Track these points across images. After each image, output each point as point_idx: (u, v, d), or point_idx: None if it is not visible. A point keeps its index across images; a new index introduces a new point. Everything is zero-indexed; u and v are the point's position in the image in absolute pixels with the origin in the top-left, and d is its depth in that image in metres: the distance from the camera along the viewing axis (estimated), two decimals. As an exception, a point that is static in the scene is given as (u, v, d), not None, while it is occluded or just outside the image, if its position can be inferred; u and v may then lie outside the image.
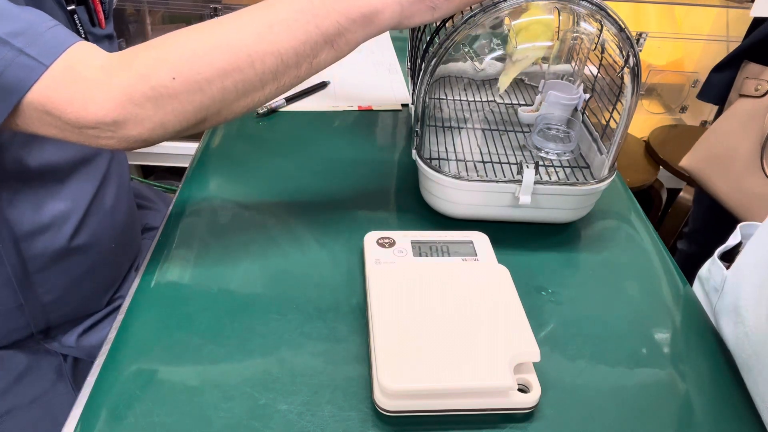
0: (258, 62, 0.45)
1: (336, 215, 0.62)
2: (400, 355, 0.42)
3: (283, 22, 0.45)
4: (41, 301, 0.61)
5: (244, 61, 0.44)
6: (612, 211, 0.67)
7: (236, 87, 0.45)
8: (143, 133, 0.45)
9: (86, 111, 0.43)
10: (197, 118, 0.46)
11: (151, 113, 0.44)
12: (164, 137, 0.46)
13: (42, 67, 0.42)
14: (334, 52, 0.47)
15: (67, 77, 0.43)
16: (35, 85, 0.42)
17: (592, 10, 0.54)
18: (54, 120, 0.43)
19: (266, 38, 0.45)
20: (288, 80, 0.47)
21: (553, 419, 0.43)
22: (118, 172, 0.68)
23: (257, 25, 0.45)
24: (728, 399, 0.46)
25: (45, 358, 0.64)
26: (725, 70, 0.97)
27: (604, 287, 0.56)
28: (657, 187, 1.70)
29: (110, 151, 0.66)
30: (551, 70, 0.72)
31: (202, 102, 0.45)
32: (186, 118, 0.45)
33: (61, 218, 0.60)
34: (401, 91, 0.90)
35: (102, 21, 0.61)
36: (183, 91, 0.44)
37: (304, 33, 0.45)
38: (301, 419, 0.42)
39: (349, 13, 0.46)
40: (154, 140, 0.46)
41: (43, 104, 0.43)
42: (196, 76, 0.44)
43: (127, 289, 0.72)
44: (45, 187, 0.58)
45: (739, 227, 0.56)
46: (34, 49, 0.42)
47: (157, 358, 0.46)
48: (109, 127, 0.44)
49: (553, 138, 0.67)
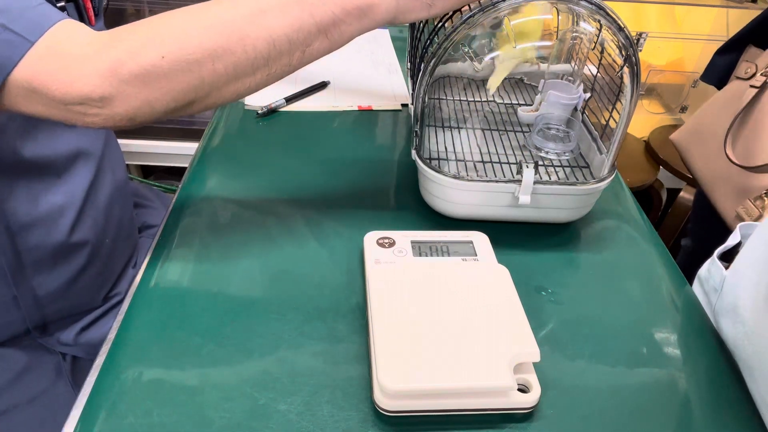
0: (250, 46, 0.44)
1: (336, 215, 0.62)
2: (400, 355, 0.42)
3: (277, 7, 0.44)
4: (36, 294, 0.61)
5: (236, 43, 0.44)
6: (612, 211, 0.67)
7: (227, 70, 0.44)
8: (129, 110, 0.44)
9: (72, 87, 0.42)
10: (186, 99, 0.45)
11: (138, 91, 0.43)
12: (151, 117, 0.46)
13: (27, 43, 0.42)
14: (328, 42, 0.47)
15: (53, 53, 0.42)
16: (21, 62, 0.42)
17: (592, 10, 0.54)
18: (40, 97, 0.43)
19: (259, 22, 0.44)
20: (279, 68, 0.47)
21: (553, 419, 0.43)
22: (111, 168, 0.68)
23: (251, 8, 0.45)
24: (728, 399, 0.46)
25: (44, 357, 0.64)
26: (729, 53, 0.97)
27: (604, 287, 0.56)
28: (657, 187, 1.70)
29: (102, 146, 0.66)
30: (551, 70, 0.72)
31: (190, 83, 0.44)
32: (174, 98, 0.44)
33: (57, 212, 0.60)
34: (401, 91, 0.90)
35: (92, 18, 0.61)
36: (172, 71, 0.43)
37: (298, 20, 0.45)
38: (300, 419, 0.42)
39: (345, 4, 0.45)
40: (141, 119, 0.45)
41: (29, 81, 0.42)
42: (186, 56, 0.43)
43: (123, 285, 0.73)
44: (40, 180, 0.59)
45: (738, 227, 0.56)
46: (18, 25, 0.42)
47: (157, 358, 0.46)
48: (96, 103, 0.43)
49: (552, 138, 0.67)
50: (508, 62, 0.67)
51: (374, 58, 1.00)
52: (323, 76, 0.90)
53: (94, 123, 0.45)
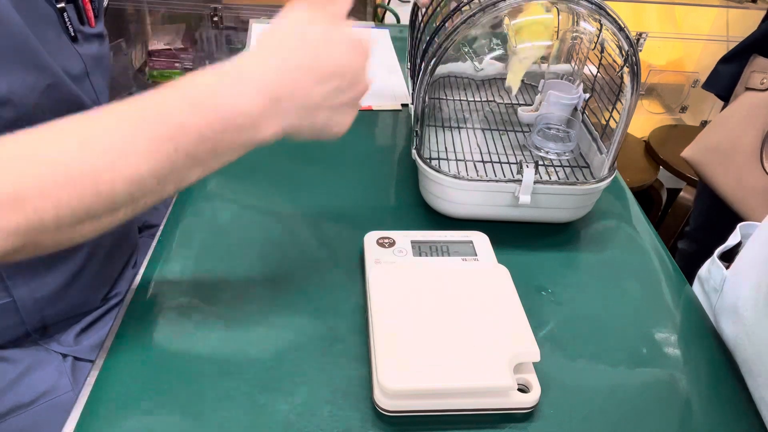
0: (105, 188, 0.37)
1: (336, 215, 0.62)
2: (400, 355, 0.42)
3: (143, 148, 0.38)
4: (34, 296, 0.61)
5: (89, 187, 0.37)
6: (612, 211, 0.67)
7: (73, 212, 0.37)
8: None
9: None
10: (15, 243, 0.36)
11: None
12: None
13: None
14: (204, 171, 0.42)
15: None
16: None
17: (592, 10, 0.54)
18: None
19: (115, 165, 0.38)
20: (151, 200, 0.41)
21: (553, 419, 0.43)
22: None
23: (103, 146, 0.38)
24: (728, 399, 0.46)
25: (45, 358, 0.64)
26: (733, 62, 0.97)
27: (604, 287, 0.56)
28: (657, 187, 1.70)
29: None
30: (551, 70, 0.72)
31: (18, 223, 0.36)
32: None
33: None
34: (401, 91, 0.90)
35: (92, 19, 0.61)
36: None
37: (168, 160, 0.39)
38: (300, 419, 0.42)
39: (217, 135, 0.40)
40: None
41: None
42: (14, 194, 0.35)
43: (122, 286, 0.72)
44: None
45: (738, 227, 0.56)
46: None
47: (157, 357, 0.46)
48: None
49: (552, 138, 0.67)
50: (526, 60, 0.67)
51: (374, 58, 1.00)
52: (323, 76, 0.90)
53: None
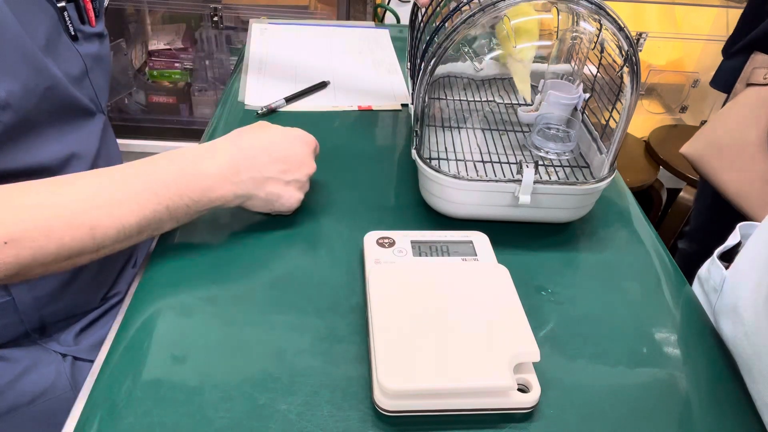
0: (99, 233, 0.47)
1: (336, 215, 0.62)
2: (400, 355, 0.42)
3: (134, 199, 0.48)
4: (33, 296, 0.61)
5: (86, 231, 0.46)
6: (612, 211, 0.67)
7: (70, 250, 0.46)
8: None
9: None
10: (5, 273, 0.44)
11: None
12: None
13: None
14: (175, 223, 0.52)
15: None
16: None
17: (592, 10, 0.54)
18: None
19: (112, 213, 0.47)
20: (127, 244, 0.50)
21: (553, 419, 0.43)
22: (107, 167, 0.68)
23: (104, 199, 0.47)
24: (728, 399, 0.46)
25: (44, 358, 0.64)
26: (735, 58, 0.96)
27: (604, 287, 0.56)
28: (657, 187, 1.70)
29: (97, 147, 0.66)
30: (551, 70, 0.72)
31: (24, 257, 0.44)
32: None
33: None
34: (401, 91, 0.90)
35: (92, 19, 0.61)
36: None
37: (153, 212, 0.49)
38: (300, 419, 0.42)
39: (192, 193, 0.51)
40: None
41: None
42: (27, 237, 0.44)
43: (122, 286, 0.72)
44: None
45: (738, 227, 0.56)
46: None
47: (157, 357, 0.46)
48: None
49: (552, 138, 0.67)
50: (526, 62, 0.67)
51: (374, 58, 1.00)
52: (323, 76, 0.90)
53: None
